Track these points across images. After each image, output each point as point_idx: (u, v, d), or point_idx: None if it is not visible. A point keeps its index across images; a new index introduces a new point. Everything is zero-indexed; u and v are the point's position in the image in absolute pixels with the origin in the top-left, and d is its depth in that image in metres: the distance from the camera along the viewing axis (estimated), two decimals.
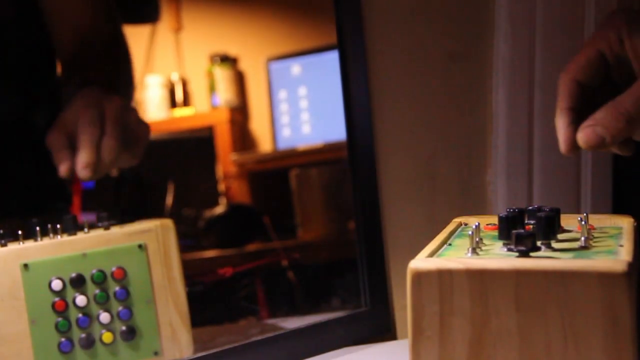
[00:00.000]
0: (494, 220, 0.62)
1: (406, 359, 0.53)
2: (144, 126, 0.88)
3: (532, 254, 0.53)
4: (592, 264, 0.48)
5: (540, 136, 0.92)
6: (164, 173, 1.46)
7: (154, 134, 1.59)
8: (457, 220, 0.67)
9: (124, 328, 0.76)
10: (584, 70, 0.56)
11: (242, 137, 1.70)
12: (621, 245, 0.55)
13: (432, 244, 0.59)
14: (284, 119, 1.70)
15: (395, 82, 0.96)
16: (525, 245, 0.53)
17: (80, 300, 0.75)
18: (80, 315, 0.75)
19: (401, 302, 0.96)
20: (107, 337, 0.75)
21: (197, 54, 1.70)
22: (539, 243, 0.55)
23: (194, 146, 1.61)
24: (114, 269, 0.76)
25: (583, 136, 0.54)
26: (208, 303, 1.07)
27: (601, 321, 0.48)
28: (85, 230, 0.77)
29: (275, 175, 1.63)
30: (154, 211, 1.37)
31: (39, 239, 0.75)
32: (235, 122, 1.67)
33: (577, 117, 0.56)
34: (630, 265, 0.48)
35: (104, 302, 0.75)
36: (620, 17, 0.55)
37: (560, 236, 0.59)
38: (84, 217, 0.82)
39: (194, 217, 1.46)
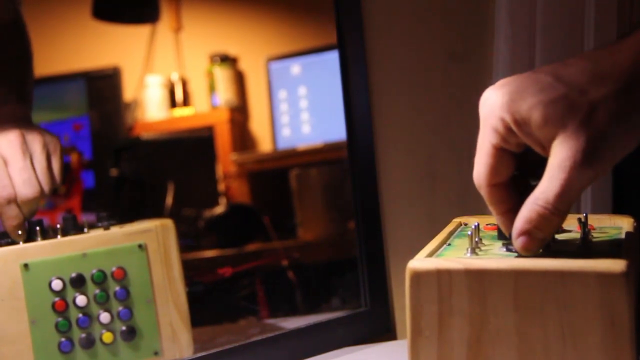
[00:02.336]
0: (494, 220, 0.62)
1: (406, 359, 0.53)
2: (61, 152, 0.81)
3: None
4: (591, 264, 0.48)
5: None
6: (164, 173, 1.46)
7: (154, 134, 1.60)
8: (456, 220, 0.67)
9: (124, 328, 0.76)
10: (495, 174, 0.52)
11: (242, 137, 1.70)
12: (620, 246, 0.55)
13: (431, 243, 0.59)
14: (283, 119, 1.70)
15: (395, 82, 0.96)
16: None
17: (81, 300, 0.75)
18: (80, 315, 0.75)
19: (401, 302, 0.96)
20: (107, 337, 0.75)
21: (197, 54, 1.70)
22: None
23: (194, 146, 1.61)
24: (114, 269, 0.76)
25: (522, 244, 0.50)
26: (208, 303, 1.07)
27: (600, 321, 0.48)
28: (85, 230, 0.77)
29: (275, 175, 1.62)
30: (154, 211, 1.37)
31: (39, 239, 0.75)
32: (235, 122, 1.67)
33: (513, 214, 0.52)
34: (629, 265, 0.48)
35: (104, 302, 0.75)
36: (497, 104, 0.50)
37: (559, 236, 0.59)
38: (84, 217, 0.82)
39: (194, 217, 1.46)
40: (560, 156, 0.48)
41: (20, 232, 0.75)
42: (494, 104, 0.51)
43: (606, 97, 0.49)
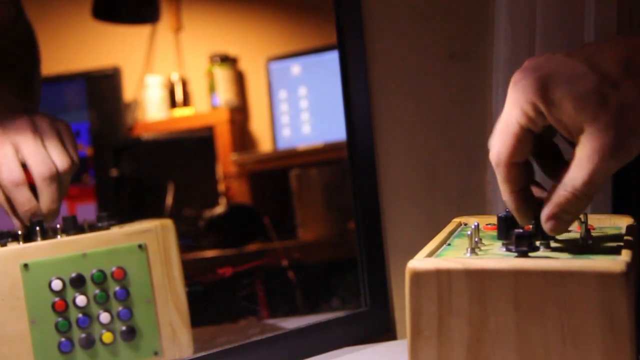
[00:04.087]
0: (494, 220, 0.62)
1: (406, 359, 0.53)
2: (71, 132, 0.81)
3: (531, 254, 0.53)
4: (591, 264, 0.48)
5: None
6: (164, 173, 1.46)
7: (154, 134, 1.60)
8: (456, 220, 0.67)
9: (124, 328, 0.76)
10: (516, 153, 0.53)
11: (242, 137, 1.70)
12: (620, 246, 0.55)
13: (431, 243, 0.59)
14: (284, 119, 1.70)
15: (395, 82, 0.96)
16: (524, 246, 0.53)
17: (80, 300, 0.75)
18: (80, 315, 0.75)
19: (401, 302, 0.96)
20: (107, 337, 0.75)
21: (197, 54, 1.70)
22: (537, 243, 0.55)
23: (194, 146, 1.61)
24: (114, 269, 0.76)
25: (552, 227, 0.53)
26: (208, 303, 1.07)
27: (599, 321, 0.48)
28: (85, 230, 0.77)
29: (275, 175, 1.63)
30: (154, 211, 1.37)
31: (38, 239, 0.75)
32: (235, 122, 1.67)
33: (523, 193, 0.55)
34: (629, 265, 0.48)
35: (104, 302, 0.75)
36: (530, 88, 0.51)
37: (559, 236, 0.59)
38: (84, 217, 0.82)
39: (194, 217, 1.46)
40: (588, 148, 0.50)
41: (34, 218, 0.74)
42: (527, 87, 0.52)
43: (638, 95, 0.50)
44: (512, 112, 0.53)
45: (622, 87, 0.50)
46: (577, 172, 0.51)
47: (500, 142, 0.54)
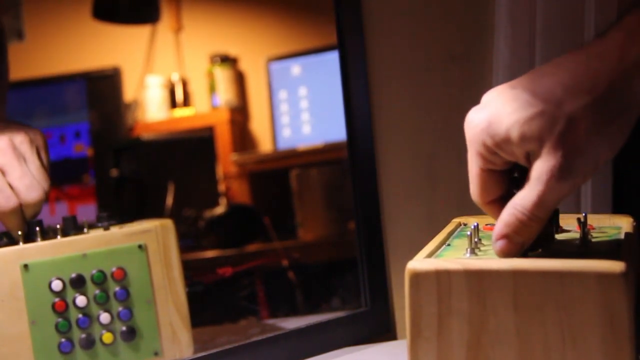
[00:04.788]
0: (493, 220, 0.62)
1: (406, 359, 0.53)
2: (46, 146, 0.79)
3: (530, 254, 0.53)
4: (590, 265, 0.48)
5: None
6: (164, 173, 1.46)
7: (154, 135, 1.60)
8: (456, 220, 0.67)
9: (124, 328, 0.76)
10: (488, 192, 0.54)
11: (242, 137, 1.70)
12: (620, 246, 0.55)
13: (430, 244, 0.59)
14: (284, 119, 1.70)
15: (395, 82, 0.96)
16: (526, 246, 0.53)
17: (80, 300, 0.75)
18: (80, 315, 0.75)
19: (401, 302, 0.96)
20: (107, 337, 0.75)
21: (197, 54, 1.70)
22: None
23: (194, 146, 1.62)
24: (114, 269, 0.76)
25: (501, 247, 0.52)
26: (208, 303, 1.07)
27: (599, 321, 0.48)
28: (85, 230, 0.77)
29: (276, 175, 1.63)
30: (154, 211, 1.37)
31: (38, 239, 0.75)
32: (235, 122, 1.67)
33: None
34: (628, 265, 0.48)
35: (104, 302, 0.75)
36: (478, 129, 0.52)
37: (559, 236, 0.59)
38: (84, 217, 0.82)
39: (194, 217, 1.46)
40: (538, 170, 0.50)
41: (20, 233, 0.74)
42: (476, 128, 0.52)
43: (583, 109, 0.49)
44: (470, 155, 0.54)
45: (565, 104, 0.50)
46: (528, 193, 0.50)
47: (471, 184, 0.55)
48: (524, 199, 0.51)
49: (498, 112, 0.51)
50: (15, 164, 0.74)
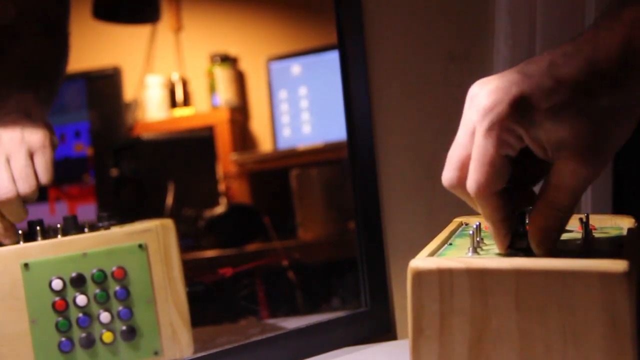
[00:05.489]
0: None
1: (406, 358, 0.53)
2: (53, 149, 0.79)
3: (532, 253, 0.53)
4: (593, 264, 0.48)
5: None
6: (164, 173, 1.46)
7: (154, 134, 1.60)
8: (457, 220, 0.67)
9: (124, 328, 0.76)
10: (498, 181, 0.51)
11: (242, 137, 1.70)
12: (622, 245, 0.55)
13: (432, 243, 0.59)
14: (284, 119, 1.70)
15: (395, 82, 0.96)
16: (525, 245, 0.53)
17: (81, 299, 0.75)
18: (80, 314, 0.75)
19: (401, 302, 0.96)
20: (107, 336, 0.75)
21: (197, 54, 1.70)
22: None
23: (194, 146, 1.61)
24: (114, 268, 0.76)
25: (541, 248, 0.52)
26: (208, 303, 1.07)
27: (601, 321, 0.48)
28: (86, 230, 0.77)
29: (276, 175, 1.63)
30: (154, 211, 1.37)
31: (39, 238, 0.75)
32: (235, 122, 1.67)
33: (510, 223, 0.54)
34: (631, 265, 0.48)
35: (104, 301, 0.75)
36: (505, 113, 0.49)
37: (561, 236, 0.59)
38: (84, 217, 0.82)
39: (194, 217, 1.46)
40: (570, 160, 0.49)
41: (11, 234, 0.74)
42: (502, 113, 0.50)
43: (608, 94, 0.49)
44: (488, 141, 0.50)
45: (594, 92, 0.49)
46: (561, 189, 0.50)
47: (478, 172, 0.51)
48: (557, 195, 0.50)
49: (528, 95, 0.50)
50: (21, 155, 0.75)
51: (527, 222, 0.58)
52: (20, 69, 0.84)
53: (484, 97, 0.51)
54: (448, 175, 0.55)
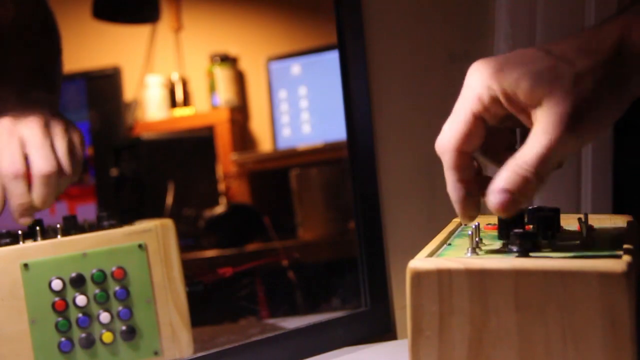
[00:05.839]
0: (494, 220, 0.62)
1: (406, 359, 0.53)
2: (83, 143, 0.80)
3: (531, 254, 0.53)
4: (592, 264, 0.48)
5: None
6: (164, 173, 1.46)
7: (154, 134, 1.59)
8: (456, 220, 0.67)
9: (124, 328, 0.76)
10: (467, 141, 0.52)
11: (242, 137, 1.70)
12: (621, 245, 0.55)
13: (431, 243, 0.59)
14: (284, 119, 1.70)
15: (395, 82, 0.96)
16: (524, 245, 0.53)
17: (80, 300, 0.75)
18: (80, 315, 0.75)
19: (401, 302, 0.96)
20: (107, 337, 0.75)
21: (197, 54, 1.70)
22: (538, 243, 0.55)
23: (194, 146, 1.61)
24: (114, 268, 0.76)
25: (500, 202, 0.50)
26: (208, 303, 1.07)
27: (600, 321, 0.48)
28: (86, 230, 0.77)
29: (275, 175, 1.62)
30: (154, 211, 1.37)
31: (39, 238, 0.75)
32: (235, 122, 1.67)
33: (469, 185, 0.54)
34: (630, 265, 0.48)
35: (104, 301, 0.75)
36: (485, 73, 0.51)
37: (560, 236, 0.59)
38: (84, 217, 0.82)
39: (194, 217, 1.46)
40: (544, 121, 0.50)
41: (26, 214, 0.74)
42: (483, 73, 0.52)
43: (592, 67, 0.50)
44: (466, 98, 0.53)
45: (576, 62, 0.50)
46: (532, 148, 0.50)
47: (450, 128, 0.53)
48: (527, 154, 0.50)
49: (509, 62, 0.51)
50: (39, 137, 0.74)
51: (525, 221, 0.58)
52: (30, 69, 0.84)
53: (474, 64, 0.54)
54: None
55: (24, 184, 0.73)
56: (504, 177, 0.51)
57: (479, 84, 0.52)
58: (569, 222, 0.63)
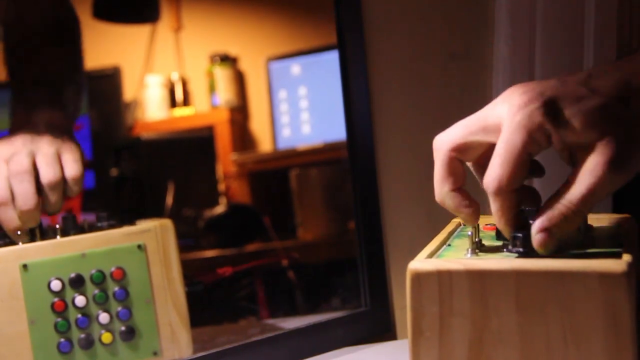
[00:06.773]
0: (493, 220, 0.62)
1: (406, 359, 0.53)
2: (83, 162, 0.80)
3: (531, 254, 0.53)
4: (592, 264, 0.48)
5: None
6: (164, 173, 1.46)
7: (154, 134, 1.59)
8: (456, 220, 0.67)
9: (123, 328, 0.76)
10: (519, 178, 0.52)
11: (242, 137, 1.70)
12: (621, 245, 0.55)
13: (431, 244, 0.59)
14: (284, 119, 1.70)
15: (395, 81, 0.96)
16: (524, 246, 0.53)
17: (80, 300, 0.74)
18: (79, 315, 0.74)
19: (401, 302, 0.96)
20: (106, 337, 0.75)
21: (197, 54, 1.70)
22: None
23: (194, 146, 1.61)
24: (113, 269, 0.76)
25: (541, 241, 0.51)
26: (208, 303, 1.07)
27: (601, 321, 0.48)
28: (85, 230, 0.77)
29: (275, 175, 1.62)
30: (154, 211, 1.37)
31: (38, 239, 0.75)
32: (235, 122, 1.67)
33: (519, 215, 0.54)
34: (630, 265, 0.48)
35: (103, 302, 0.75)
36: (538, 111, 0.50)
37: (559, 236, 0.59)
38: (84, 217, 0.82)
39: (194, 217, 1.46)
40: (592, 161, 0.50)
41: (19, 233, 0.74)
42: (535, 111, 0.51)
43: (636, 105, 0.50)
44: (517, 137, 0.51)
45: (627, 103, 0.51)
46: (578, 187, 0.50)
47: (502, 167, 0.51)
48: (572, 193, 0.50)
49: (561, 97, 0.51)
50: (46, 147, 0.76)
51: (529, 221, 0.58)
52: (46, 82, 0.85)
53: (518, 96, 0.52)
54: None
55: (12, 210, 0.74)
56: (546, 215, 0.51)
57: (531, 122, 0.51)
58: None
